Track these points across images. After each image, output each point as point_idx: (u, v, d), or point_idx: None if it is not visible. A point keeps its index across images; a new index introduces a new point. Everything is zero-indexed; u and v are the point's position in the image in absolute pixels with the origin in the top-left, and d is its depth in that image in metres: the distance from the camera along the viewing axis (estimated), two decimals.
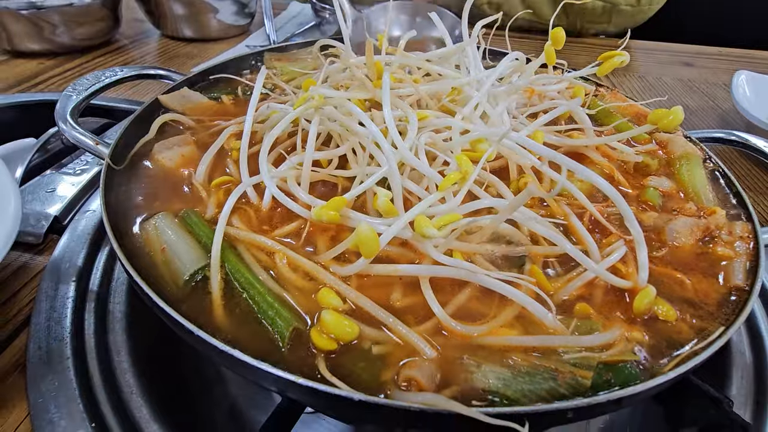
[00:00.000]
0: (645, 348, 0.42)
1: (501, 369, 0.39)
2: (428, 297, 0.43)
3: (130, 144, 0.65)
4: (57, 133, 0.95)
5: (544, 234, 0.47)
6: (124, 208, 0.55)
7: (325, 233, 0.51)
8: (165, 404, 0.55)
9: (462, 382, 0.38)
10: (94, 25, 1.38)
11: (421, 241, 0.45)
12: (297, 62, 0.90)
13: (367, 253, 0.43)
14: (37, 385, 0.52)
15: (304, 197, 0.52)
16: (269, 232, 0.52)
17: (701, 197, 0.59)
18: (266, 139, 0.57)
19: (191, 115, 0.74)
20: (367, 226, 0.42)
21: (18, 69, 1.29)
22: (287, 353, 0.41)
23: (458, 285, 0.46)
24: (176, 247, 0.47)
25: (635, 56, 1.69)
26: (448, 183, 0.47)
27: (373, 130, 0.52)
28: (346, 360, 0.41)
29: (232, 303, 0.45)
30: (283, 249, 0.49)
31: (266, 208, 0.54)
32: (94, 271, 0.69)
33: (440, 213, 0.46)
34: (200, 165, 0.61)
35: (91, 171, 0.87)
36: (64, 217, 0.76)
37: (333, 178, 0.56)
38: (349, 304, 0.44)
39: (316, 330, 0.42)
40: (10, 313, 0.61)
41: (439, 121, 0.58)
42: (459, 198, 0.47)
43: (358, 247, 0.43)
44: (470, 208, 0.48)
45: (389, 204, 0.46)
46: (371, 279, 0.47)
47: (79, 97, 0.72)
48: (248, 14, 1.62)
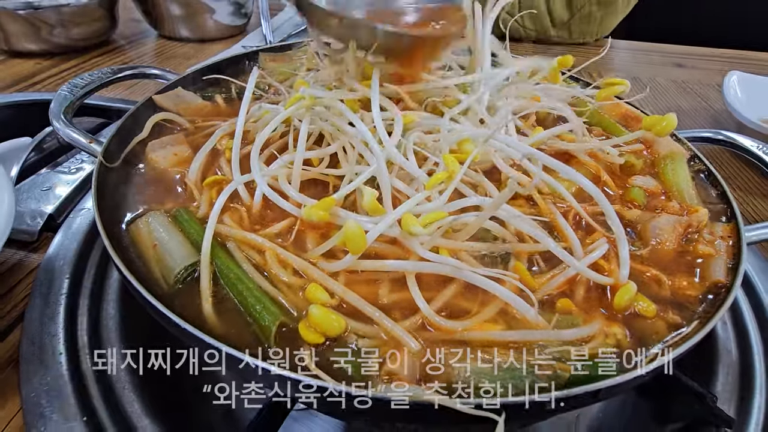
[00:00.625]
0: (624, 343, 0.43)
1: (483, 364, 0.40)
2: (414, 293, 0.44)
3: (124, 143, 0.66)
4: (52, 132, 0.96)
5: (528, 231, 0.48)
6: (116, 205, 0.56)
7: (314, 231, 0.52)
8: (157, 400, 0.56)
9: (444, 377, 0.39)
10: (91, 25, 1.39)
11: (407, 238, 0.46)
12: (292, 63, 0.91)
13: (354, 249, 0.44)
14: (30, 379, 0.53)
15: (295, 195, 0.52)
16: (260, 231, 0.52)
17: (684, 196, 0.60)
18: (258, 138, 0.58)
19: (185, 115, 0.74)
20: (354, 223, 0.43)
21: (15, 69, 1.30)
22: (274, 348, 0.42)
23: (444, 282, 0.47)
24: (167, 245, 0.48)
25: (628, 57, 1.70)
26: (435, 182, 0.48)
27: (361, 129, 0.52)
28: (332, 354, 0.41)
29: (221, 298, 0.46)
30: (272, 246, 0.49)
31: (257, 207, 0.55)
32: (87, 269, 0.69)
33: (426, 211, 0.47)
34: (193, 164, 0.61)
35: (85, 170, 0.87)
36: (58, 215, 0.77)
37: (324, 177, 0.57)
38: (336, 299, 0.45)
39: (303, 324, 0.43)
40: (5, 309, 0.62)
41: (427, 122, 0.59)
42: (445, 196, 0.48)
43: (345, 244, 0.44)
44: (456, 206, 0.49)
45: (375, 202, 0.47)
46: (359, 276, 0.48)
47: (73, 96, 0.73)
48: (245, 15, 1.63)
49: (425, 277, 0.46)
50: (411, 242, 0.46)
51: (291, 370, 0.38)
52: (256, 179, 0.54)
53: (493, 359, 0.40)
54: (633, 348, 0.42)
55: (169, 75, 0.87)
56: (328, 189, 0.57)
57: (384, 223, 0.46)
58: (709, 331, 0.44)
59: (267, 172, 0.55)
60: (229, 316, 0.45)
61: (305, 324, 0.43)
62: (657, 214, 0.56)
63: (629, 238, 0.52)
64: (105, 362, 0.58)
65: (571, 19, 1.61)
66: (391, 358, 0.40)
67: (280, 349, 0.41)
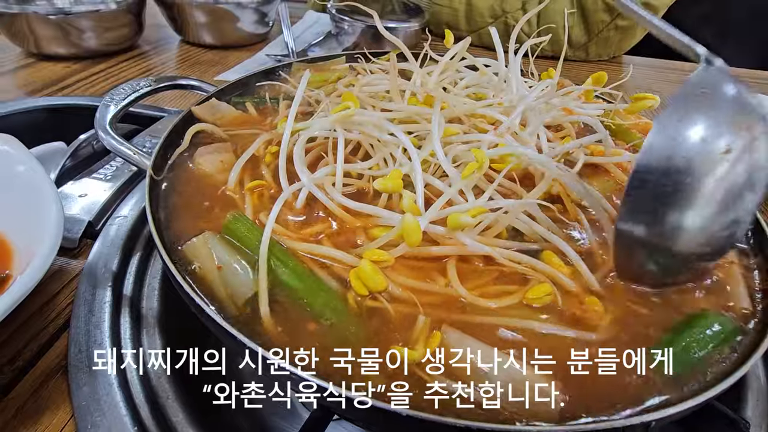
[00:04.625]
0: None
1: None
2: (452, 276, 0.49)
3: (167, 155, 0.67)
4: (87, 139, 0.98)
5: (552, 238, 0.51)
6: (167, 219, 0.57)
7: (352, 233, 0.55)
8: (200, 409, 0.57)
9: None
10: (120, 30, 1.41)
11: (452, 233, 0.50)
12: (324, 72, 0.93)
13: (411, 241, 0.47)
14: (80, 388, 0.54)
15: (340, 199, 0.55)
16: (301, 231, 0.54)
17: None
18: (297, 146, 0.59)
19: (222, 125, 0.76)
20: (411, 217, 0.47)
21: (44, 72, 1.31)
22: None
23: (476, 273, 0.51)
24: (232, 266, 0.48)
25: (645, 73, 1.72)
26: (469, 171, 0.52)
27: (403, 139, 0.57)
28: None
29: (281, 311, 0.47)
30: (333, 253, 0.51)
31: (300, 207, 0.57)
32: (127, 276, 0.71)
33: (465, 208, 0.50)
34: (232, 171, 0.63)
35: (120, 176, 0.89)
36: (97, 222, 0.79)
37: (362, 185, 0.60)
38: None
39: (354, 274, 0.47)
40: (50, 316, 0.63)
41: (469, 136, 0.60)
42: (486, 195, 0.52)
43: (402, 236, 0.48)
44: (492, 205, 0.52)
45: (413, 204, 0.51)
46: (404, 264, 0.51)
47: (117, 107, 0.74)
48: (267, 23, 1.65)
49: (459, 270, 0.50)
50: (458, 234, 0.50)
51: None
52: (307, 186, 0.55)
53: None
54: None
55: (206, 86, 0.88)
56: (363, 197, 0.59)
57: (430, 215, 0.50)
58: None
59: (313, 179, 0.56)
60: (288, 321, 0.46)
61: (355, 274, 0.47)
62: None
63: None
64: (148, 372, 0.59)
65: (589, 42, 1.63)
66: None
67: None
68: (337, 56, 0.97)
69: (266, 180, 0.62)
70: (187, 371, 0.61)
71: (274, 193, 0.61)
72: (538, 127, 0.64)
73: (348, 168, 0.59)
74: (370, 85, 0.72)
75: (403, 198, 0.52)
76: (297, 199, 0.57)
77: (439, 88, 0.67)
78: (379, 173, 0.59)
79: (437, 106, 0.59)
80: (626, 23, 1.59)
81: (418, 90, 0.66)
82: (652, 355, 0.44)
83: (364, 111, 0.61)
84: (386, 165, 0.60)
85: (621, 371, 0.43)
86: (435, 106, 0.59)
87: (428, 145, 0.57)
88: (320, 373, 0.41)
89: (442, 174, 0.57)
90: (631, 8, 0.53)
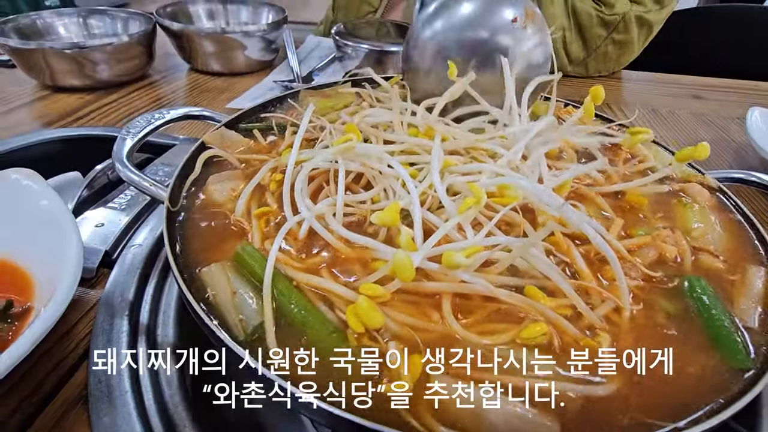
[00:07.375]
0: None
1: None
2: (446, 310, 0.49)
3: (182, 185, 0.69)
4: (102, 169, 1.00)
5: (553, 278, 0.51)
6: (183, 247, 0.59)
7: (354, 265, 0.56)
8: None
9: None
10: (131, 61, 1.46)
11: (447, 270, 0.50)
12: (330, 98, 0.95)
13: (404, 277, 0.47)
14: (101, 419, 0.55)
15: (341, 231, 0.56)
16: (304, 260, 0.56)
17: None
18: (299, 177, 0.62)
19: (232, 153, 0.78)
20: (403, 253, 0.47)
21: (59, 104, 1.36)
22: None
23: (470, 309, 0.51)
24: (241, 295, 0.50)
25: (645, 88, 1.74)
26: (466, 207, 0.52)
27: (401, 173, 0.58)
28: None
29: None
30: (332, 287, 0.52)
31: (302, 237, 0.58)
32: (143, 305, 0.72)
33: (461, 246, 0.50)
34: (239, 200, 0.65)
35: (134, 206, 0.91)
36: (113, 251, 0.81)
37: (364, 212, 0.61)
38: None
39: (351, 310, 0.47)
40: (70, 347, 0.65)
41: (469, 167, 0.62)
42: (483, 233, 0.52)
43: (394, 272, 0.47)
44: (490, 242, 0.52)
45: (410, 240, 0.51)
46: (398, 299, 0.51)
47: (133, 139, 0.77)
48: (274, 50, 1.70)
49: (459, 304, 0.50)
50: (452, 273, 0.50)
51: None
52: (307, 219, 0.57)
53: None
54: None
55: (218, 116, 0.91)
56: (362, 227, 0.60)
57: (423, 251, 0.49)
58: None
59: (315, 210, 0.58)
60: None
61: (352, 311, 0.47)
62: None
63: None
64: (165, 400, 0.60)
65: (588, 57, 1.66)
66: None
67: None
68: (342, 82, 0.99)
69: (272, 208, 0.64)
70: (210, 409, 0.62)
71: (280, 221, 0.63)
72: (538, 161, 0.64)
73: (349, 199, 0.61)
74: (372, 116, 0.74)
75: (401, 234, 0.51)
76: (300, 229, 0.59)
77: (441, 123, 0.69)
78: (378, 207, 0.59)
79: (437, 139, 0.60)
80: (623, 37, 1.61)
81: (419, 123, 0.68)
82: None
83: (364, 145, 0.63)
84: (387, 196, 0.61)
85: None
86: (435, 139, 0.60)
87: (428, 178, 0.58)
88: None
89: (440, 205, 0.58)
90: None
